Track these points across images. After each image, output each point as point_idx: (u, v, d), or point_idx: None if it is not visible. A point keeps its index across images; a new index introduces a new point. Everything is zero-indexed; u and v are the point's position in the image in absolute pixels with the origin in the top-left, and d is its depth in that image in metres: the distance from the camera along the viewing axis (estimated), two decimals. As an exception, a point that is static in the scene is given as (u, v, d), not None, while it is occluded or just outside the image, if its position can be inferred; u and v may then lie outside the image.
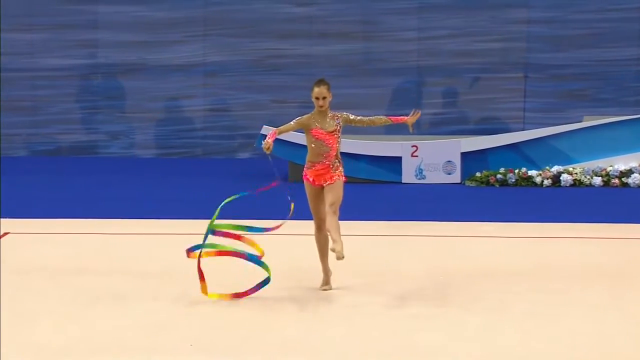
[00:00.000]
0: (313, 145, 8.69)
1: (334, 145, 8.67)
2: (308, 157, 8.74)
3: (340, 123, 8.71)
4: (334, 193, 8.64)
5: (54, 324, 7.83)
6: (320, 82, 8.74)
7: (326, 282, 8.81)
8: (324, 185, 8.67)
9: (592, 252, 10.51)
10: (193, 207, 13.47)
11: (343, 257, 8.42)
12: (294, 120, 8.76)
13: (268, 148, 8.49)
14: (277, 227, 8.62)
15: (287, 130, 8.72)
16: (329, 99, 8.68)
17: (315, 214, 8.77)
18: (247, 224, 8.77)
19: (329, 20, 18.16)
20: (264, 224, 8.83)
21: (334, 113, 8.74)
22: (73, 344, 7.33)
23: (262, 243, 8.75)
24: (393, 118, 8.91)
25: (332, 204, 8.60)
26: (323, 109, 8.68)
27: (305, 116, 8.76)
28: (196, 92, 18.41)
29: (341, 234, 8.50)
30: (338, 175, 8.69)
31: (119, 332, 7.61)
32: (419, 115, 8.86)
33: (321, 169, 8.68)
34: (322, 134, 8.65)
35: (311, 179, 8.69)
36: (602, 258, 10.19)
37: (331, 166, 8.68)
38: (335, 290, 8.70)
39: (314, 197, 8.72)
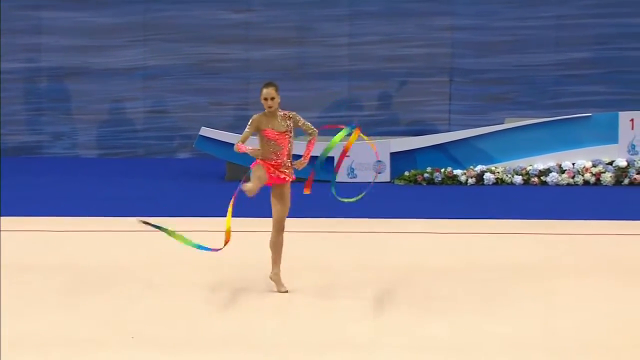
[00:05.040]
0: (265, 145, 8.54)
1: (285, 145, 8.52)
2: (262, 155, 8.57)
3: (291, 124, 8.53)
4: (283, 203, 8.50)
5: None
6: (268, 84, 8.55)
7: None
8: (276, 182, 8.50)
9: (513, 247, 10.58)
10: (135, 205, 13.37)
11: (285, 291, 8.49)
12: (247, 127, 8.54)
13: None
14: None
15: (246, 138, 8.49)
16: (277, 99, 8.48)
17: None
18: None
19: (265, 26, 18.12)
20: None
21: (284, 113, 8.55)
22: (17, 338, 7.22)
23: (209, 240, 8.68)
24: (313, 140, 8.66)
25: (279, 220, 8.47)
26: (272, 109, 8.51)
27: (255, 118, 8.52)
28: (137, 95, 18.27)
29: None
30: (288, 175, 8.53)
31: (62, 326, 7.51)
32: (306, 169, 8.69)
33: (272, 166, 8.52)
34: (274, 134, 8.46)
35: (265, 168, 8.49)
36: (523, 253, 10.26)
37: (282, 164, 8.56)
38: (269, 284, 8.66)
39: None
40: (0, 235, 10.62)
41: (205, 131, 15.58)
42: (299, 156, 8.63)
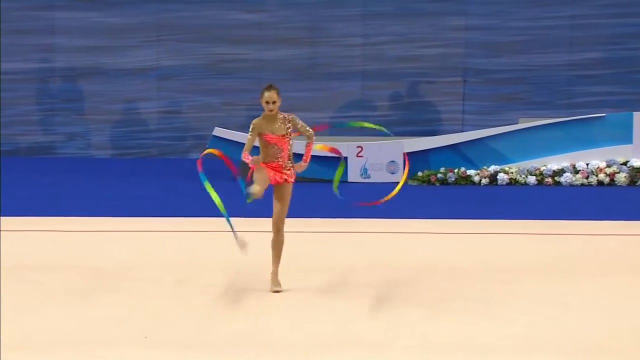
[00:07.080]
0: (266, 148, 8.52)
1: (285, 148, 8.47)
2: (261, 158, 8.57)
3: (290, 127, 8.48)
4: (283, 203, 8.45)
5: (9, 318, 7.69)
6: (270, 87, 8.55)
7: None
8: (278, 183, 8.50)
9: (527, 248, 10.54)
10: (147, 205, 13.35)
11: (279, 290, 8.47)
12: (249, 133, 8.51)
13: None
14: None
15: (251, 145, 8.44)
16: (278, 103, 8.46)
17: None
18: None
19: (278, 26, 18.10)
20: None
21: (284, 116, 8.50)
22: (28, 337, 7.20)
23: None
24: (308, 147, 8.59)
25: (278, 220, 8.43)
26: (273, 113, 8.50)
27: (256, 122, 8.51)
28: (150, 95, 18.27)
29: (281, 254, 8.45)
30: (289, 176, 8.49)
31: (74, 326, 7.49)
32: (304, 167, 8.67)
33: (274, 167, 8.52)
34: (274, 137, 8.44)
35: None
36: (536, 253, 10.21)
37: (283, 166, 8.53)
38: (281, 283, 8.62)
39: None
40: (1, 235, 10.62)
41: (219, 131, 15.56)
42: (299, 154, 8.57)
